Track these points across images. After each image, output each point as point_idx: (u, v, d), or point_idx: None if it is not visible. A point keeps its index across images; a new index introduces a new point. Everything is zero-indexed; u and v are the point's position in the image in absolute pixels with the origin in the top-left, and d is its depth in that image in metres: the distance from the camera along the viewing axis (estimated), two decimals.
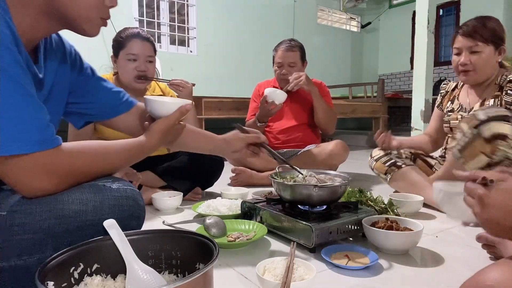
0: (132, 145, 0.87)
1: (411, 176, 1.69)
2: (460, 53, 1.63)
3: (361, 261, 1.00)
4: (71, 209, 0.71)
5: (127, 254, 0.70)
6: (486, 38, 1.57)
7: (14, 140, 0.64)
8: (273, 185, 1.26)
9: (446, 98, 1.86)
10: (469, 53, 1.60)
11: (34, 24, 0.73)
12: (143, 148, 0.89)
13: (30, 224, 0.67)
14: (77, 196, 0.72)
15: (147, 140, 0.89)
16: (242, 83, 4.48)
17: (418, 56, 3.28)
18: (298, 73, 2.12)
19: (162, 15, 4.42)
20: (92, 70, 0.99)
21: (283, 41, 2.29)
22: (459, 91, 1.81)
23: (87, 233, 0.72)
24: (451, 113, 1.75)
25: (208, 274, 0.61)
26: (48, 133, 0.70)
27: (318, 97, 2.19)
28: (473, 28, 1.58)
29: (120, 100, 1.03)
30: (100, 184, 0.76)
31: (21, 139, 0.65)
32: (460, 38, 1.62)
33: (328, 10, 6.26)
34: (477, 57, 1.58)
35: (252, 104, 2.41)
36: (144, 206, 0.85)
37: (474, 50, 1.58)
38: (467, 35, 1.59)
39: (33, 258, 0.68)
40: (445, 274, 0.97)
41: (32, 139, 0.66)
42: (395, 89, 6.50)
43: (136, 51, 1.66)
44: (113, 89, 1.02)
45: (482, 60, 1.58)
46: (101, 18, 0.79)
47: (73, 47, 0.96)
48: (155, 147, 0.91)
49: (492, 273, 0.54)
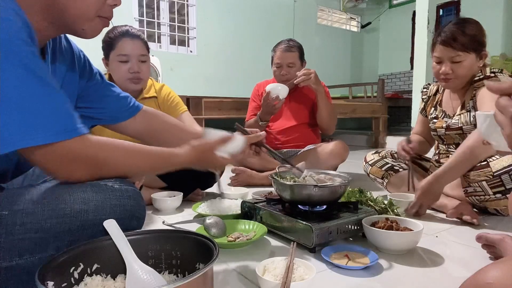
0: (162, 152, 0.87)
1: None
2: (441, 61, 1.57)
3: (361, 261, 0.99)
4: (73, 208, 0.71)
5: (127, 254, 0.70)
6: (467, 46, 1.50)
7: (41, 131, 0.65)
8: (273, 185, 1.26)
9: (429, 104, 1.82)
10: (451, 63, 1.53)
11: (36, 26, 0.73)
12: (171, 159, 0.88)
13: (32, 223, 0.67)
14: (79, 196, 0.72)
15: (178, 153, 0.89)
16: (242, 83, 4.48)
17: (418, 56, 3.29)
18: (308, 69, 2.10)
19: (162, 15, 4.41)
20: (101, 76, 1.01)
21: (282, 41, 2.28)
22: (441, 96, 1.78)
23: (89, 233, 0.72)
24: (436, 120, 1.72)
25: (208, 274, 0.61)
26: (73, 121, 0.71)
27: (324, 97, 2.17)
28: (453, 35, 1.51)
29: (128, 105, 1.05)
30: (102, 183, 0.76)
31: (47, 129, 0.66)
32: (440, 47, 1.55)
33: (328, 10, 6.26)
34: (459, 66, 1.52)
35: (251, 104, 2.41)
36: (145, 207, 0.85)
37: (455, 60, 1.52)
38: (447, 44, 1.52)
39: (35, 257, 0.68)
40: (445, 274, 0.97)
41: (58, 128, 0.67)
42: (395, 89, 6.49)
43: (127, 51, 1.57)
44: (121, 94, 1.04)
45: (464, 69, 1.53)
46: (102, 17, 0.79)
47: (82, 52, 0.97)
48: (184, 162, 0.90)
49: (492, 272, 0.54)
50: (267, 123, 2.23)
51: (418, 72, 3.28)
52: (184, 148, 0.90)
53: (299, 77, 2.08)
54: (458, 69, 1.53)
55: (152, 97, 1.80)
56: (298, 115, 2.31)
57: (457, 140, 1.69)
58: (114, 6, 0.80)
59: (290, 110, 2.32)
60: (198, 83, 4.44)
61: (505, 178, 1.34)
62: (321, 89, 2.14)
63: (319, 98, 2.17)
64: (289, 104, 2.32)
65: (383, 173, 1.76)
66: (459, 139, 1.67)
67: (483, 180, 1.39)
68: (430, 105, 1.81)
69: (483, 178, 1.38)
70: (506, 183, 1.34)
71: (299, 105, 2.32)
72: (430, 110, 1.80)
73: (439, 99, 1.78)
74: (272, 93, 2.04)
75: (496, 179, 1.36)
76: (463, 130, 1.59)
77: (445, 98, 1.75)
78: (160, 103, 1.80)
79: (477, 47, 1.52)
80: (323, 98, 2.18)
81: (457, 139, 1.68)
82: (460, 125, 1.60)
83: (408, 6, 6.28)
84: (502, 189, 1.36)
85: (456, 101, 1.68)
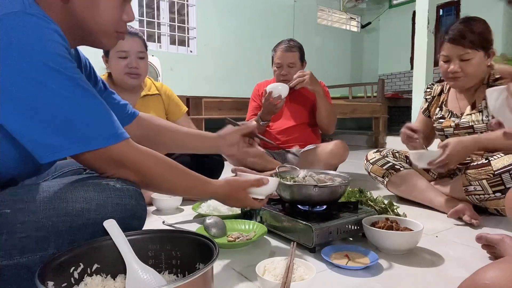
0: (199, 177, 0.91)
1: (411, 179, 1.68)
2: (449, 60, 1.56)
3: (361, 261, 1.00)
4: (75, 207, 0.71)
5: (127, 254, 0.70)
6: (476, 44, 1.49)
7: (93, 137, 0.72)
8: None
9: (434, 104, 1.81)
10: (459, 61, 1.53)
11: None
12: (206, 186, 0.92)
13: (34, 222, 0.68)
14: (81, 195, 0.73)
15: (214, 183, 0.94)
16: (242, 83, 4.48)
17: (418, 56, 3.29)
18: (302, 72, 2.11)
19: (162, 15, 4.42)
20: (104, 84, 1.04)
21: (282, 42, 2.28)
22: (446, 96, 1.76)
23: (90, 231, 0.73)
24: (443, 120, 1.70)
25: (208, 274, 0.61)
26: (118, 126, 0.76)
27: (322, 97, 2.17)
28: (461, 33, 1.50)
29: (127, 113, 1.07)
30: (104, 183, 0.77)
31: (98, 135, 0.72)
32: (448, 45, 1.54)
33: (328, 10, 6.26)
34: (468, 64, 1.52)
35: (251, 104, 2.40)
36: (146, 206, 0.85)
37: (464, 58, 1.51)
38: (456, 42, 1.51)
39: (36, 255, 0.68)
40: (445, 274, 0.97)
41: (106, 134, 0.73)
42: (395, 89, 6.49)
43: (126, 47, 1.66)
44: (121, 102, 1.07)
45: (473, 67, 1.52)
46: (118, 32, 0.84)
47: (88, 60, 1.01)
48: (216, 194, 0.95)
49: (489, 272, 0.55)
50: (268, 122, 2.23)
51: (418, 72, 3.28)
52: (220, 181, 0.96)
53: (293, 81, 2.10)
54: (467, 67, 1.52)
55: (156, 94, 1.87)
56: (298, 115, 2.31)
57: None
58: (129, 21, 0.85)
59: (290, 110, 2.32)
60: (198, 83, 4.44)
61: (506, 177, 1.34)
62: (318, 89, 2.14)
63: (318, 98, 2.17)
64: (289, 104, 2.31)
65: (384, 172, 1.76)
66: None
67: (483, 178, 1.39)
68: (435, 105, 1.80)
69: (484, 177, 1.38)
70: (506, 182, 1.34)
71: (299, 105, 2.32)
72: (435, 110, 1.78)
73: (445, 99, 1.76)
74: (274, 93, 2.05)
75: (496, 177, 1.36)
76: (474, 129, 1.58)
77: (451, 98, 1.74)
78: (164, 100, 1.89)
79: (485, 45, 1.52)
80: (322, 98, 2.17)
81: None
82: (471, 124, 1.58)
83: (408, 6, 6.27)
84: (502, 188, 1.36)
85: (463, 101, 1.67)
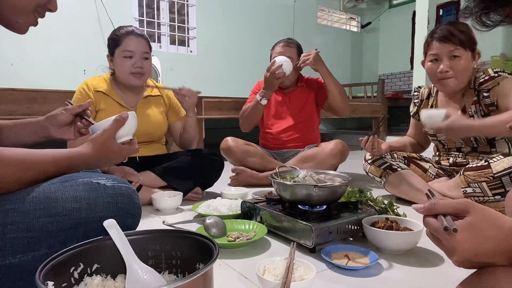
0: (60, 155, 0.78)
1: (408, 179, 1.67)
2: (438, 59, 1.55)
3: (361, 261, 0.99)
4: (65, 207, 0.71)
5: (127, 254, 0.70)
6: (464, 42, 1.50)
7: None
8: (273, 185, 1.26)
9: (422, 108, 1.80)
10: (449, 59, 1.52)
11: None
12: (75, 160, 0.80)
13: (24, 222, 0.68)
14: (70, 194, 0.73)
15: (79, 151, 0.82)
16: (242, 83, 4.48)
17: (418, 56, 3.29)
18: (308, 51, 2.13)
19: (162, 15, 4.41)
20: None
21: (280, 41, 2.31)
22: (434, 99, 1.76)
23: (81, 231, 0.73)
24: None
25: (208, 274, 0.61)
26: None
27: (329, 75, 2.14)
28: (450, 32, 1.51)
29: None
30: (95, 182, 0.77)
31: None
32: (437, 44, 1.53)
33: (328, 10, 6.26)
34: (458, 63, 1.51)
35: (251, 95, 2.39)
36: (140, 204, 0.85)
37: (454, 54, 1.51)
38: (446, 40, 1.51)
39: (28, 256, 0.68)
40: (445, 274, 0.97)
41: None
42: (395, 89, 6.49)
43: (132, 47, 1.69)
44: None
45: (463, 66, 1.52)
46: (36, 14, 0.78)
47: None
48: (90, 160, 0.83)
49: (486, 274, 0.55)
50: (267, 101, 2.18)
51: (418, 72, 3.28)
52: (81, 147, 0.83)
53: (299, 61, 2.12)
54: (457, 65, 1.52)
55: (157, 96, 1.89)
56: (298, 115, 2.31)
57: (459, 144, 1.68)
58: (50, 11, 0.80)
59: (290, 110, 2.32)
60: (198, 83, 4.39)
61: (506, 180, 1.34)
62: (323, 68, 2.12)
63: (325, 77, 2.15)
64: (289, 105, 2.31)
65: (381, 172, 1.76)
66: (461, 142, 1.66)
67: (483, 181, 1.38)
68: (424, 109, 1.78)
69: (484, 179, 1.38)
70: (506, 185, 1.34)
71: (299, 105, 2.32)
72: None
73: (434, 103, 1.76)
74: (277, 61, 2.06)
75: (496, 180, 1.36)
76: None
77: (440, 102, 1.73)
78: (165, 102, 1.92)
79: (472, 46, 1.53)
80: (328, 76, 2.15)
81: (459, 142, 1.67)
82: None
83: (408, 6, 6.27)
84: (501, 191, 1.36)
85: (452, 105, 1.66)
